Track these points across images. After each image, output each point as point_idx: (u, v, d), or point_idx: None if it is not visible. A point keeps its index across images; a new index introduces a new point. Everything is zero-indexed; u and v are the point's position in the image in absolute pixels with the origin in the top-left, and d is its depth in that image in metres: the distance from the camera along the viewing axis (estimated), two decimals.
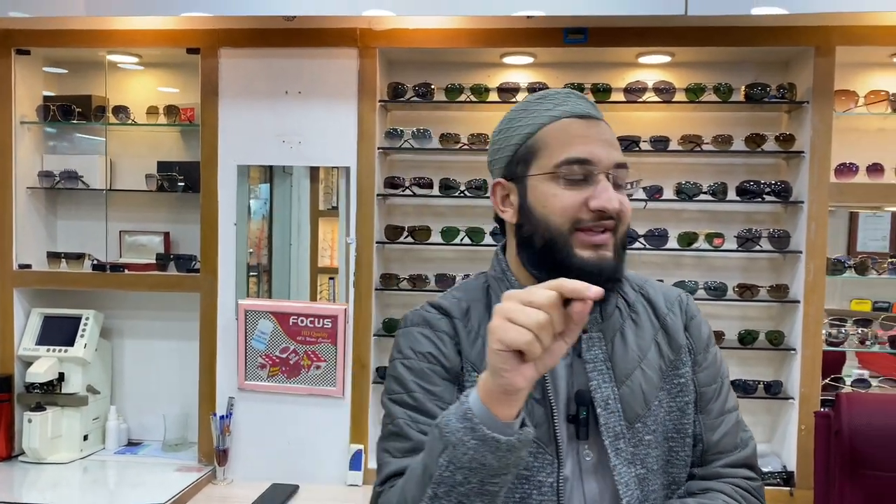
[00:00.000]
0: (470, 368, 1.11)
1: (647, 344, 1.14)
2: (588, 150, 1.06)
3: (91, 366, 2.68)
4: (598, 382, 1.09)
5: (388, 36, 2.48)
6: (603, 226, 1.05)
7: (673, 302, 1.20)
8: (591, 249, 1.05)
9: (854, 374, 2.76)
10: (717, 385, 1.18)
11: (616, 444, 1.07)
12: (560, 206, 1.06)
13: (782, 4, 2.18)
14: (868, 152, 2.51)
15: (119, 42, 2.58)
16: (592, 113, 1.11)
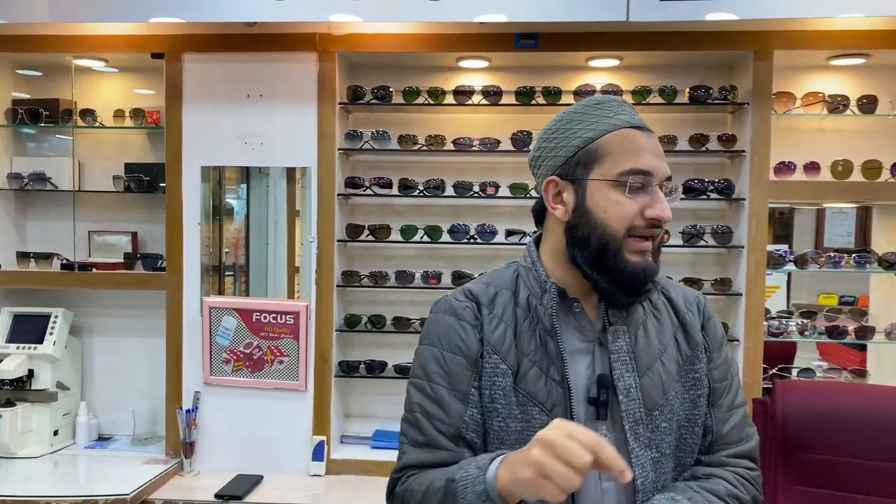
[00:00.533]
0: (490, 352, 1.20)
1: (667, 339, 1.24)
2: (650, 163, 1.15)
3: (60, 363, 2.75)
4: (620, 371, 1.18)
5: (347, 40, 2.57)
6: (653, 233, 1.16)
7: (692, 303, 1.30)
8: (639, 255, 1.15)
9: (813, 365, 2.88)
10: (728, 382, 1.28)
11: (635, 429, 1.17)
12: (621, 213, 1.14)
13: (732, 10, 2.28)
14: (807, 151, 2.63)
15: (85, 47, 2.65)
16: (646, 125, 1.20)
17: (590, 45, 2.52)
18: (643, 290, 1.18)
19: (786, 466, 2.18)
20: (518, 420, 1.18)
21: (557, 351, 1.18)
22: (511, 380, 1.18)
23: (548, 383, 1.17)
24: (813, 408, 2.11)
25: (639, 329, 1.22)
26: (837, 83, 2.68)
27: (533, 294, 1.22)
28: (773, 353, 2.87)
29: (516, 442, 1.17)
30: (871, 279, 2.99)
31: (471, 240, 2.65)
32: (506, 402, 1.18)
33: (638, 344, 1.21)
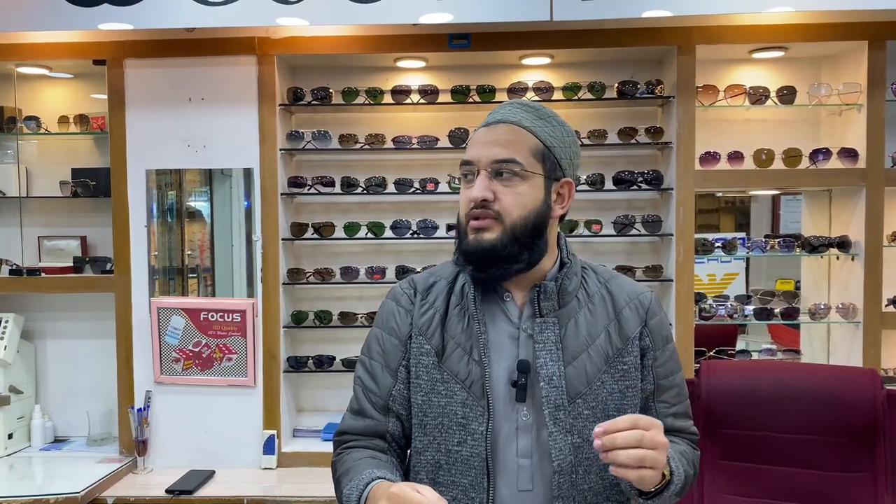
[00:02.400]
0: (417, 333, 1.32)
1: (597, 331, 1.30)
2: (472, 153, 1.26)
3: (13, 367, 2.78)
4: (544, 360, 1.26)
5: (285, 43, 2.63)
6: (478, 214, 1.24)
7: (633, 297, 1.35)
8: (473, 233, 1.26)
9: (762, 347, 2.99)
10: (672, 377, 1.36)
11: (556, 415, 1.24)
12: (462, 201, 1.29)
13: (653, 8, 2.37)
14: (733, 141, 2.74)
15: (27, 55, 2.69)
16: (504, 118, 1.27)
17: (520, 44, 2.60)
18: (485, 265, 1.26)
19: (711, 442, 2.28)
20: (441, 395, 1.29)
21: (478, 333, 1.28)
22: (434, 359, 1.30)
23: (469, 363, 1.28)
24: (734, 386, 2.22)
25: (570, 321, 1.29)
26: (759, 75, 2.79)
27: (467, 283, 1.32)
28: (714, 336, 2.99)
29: (439, 416, 1.29)
30: (801, 263, 3.11)
31: (414, 235, 2.73)
32: (428, 378, 1.30)
33: (567, 335, 1.28)
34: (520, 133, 1.25)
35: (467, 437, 1.26)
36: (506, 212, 1.23)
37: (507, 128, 1.25)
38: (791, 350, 3.03)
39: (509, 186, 1.24)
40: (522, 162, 1.24)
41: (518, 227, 1.24)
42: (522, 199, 1.24)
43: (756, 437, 2.13)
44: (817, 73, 2.82)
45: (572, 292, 1.31)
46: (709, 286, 3.46)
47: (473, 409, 1.26)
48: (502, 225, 1.24)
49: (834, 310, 2.73)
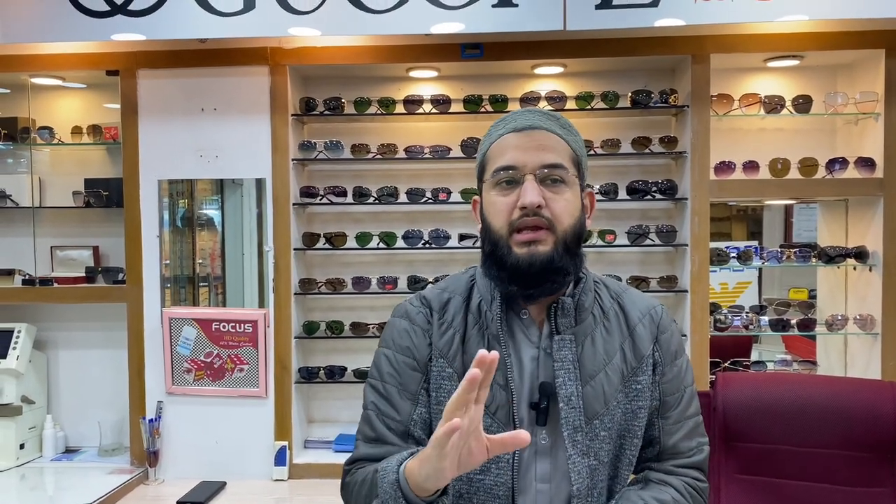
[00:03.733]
0: (437, 356, 1.25)
1: (614, 349, 1.26)
2: (513, 157, 1.18)
3: (25, 377, 2.78)
4: (563, 380, 1.21)
5: (298, 54, 2.63)
6: (532, 223, 1.16)
7: (645, 314, 1.30)
8: (524, 246, 1.16)
9: (777, 358, 2.96)
10: (679, 394, 1.30)
11: (574, 437, 1.20)
12: (496, 211, 1.19)
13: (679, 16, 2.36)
14: (748, 151, 2.72)
15: (41, 66, 2.70)
16: (534, 124, 1.20)
17: (533, 53, 2.59)
18: (539, 281, 1.18)
19: (727, 456, 2.25)
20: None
21: (502, 356, 1.20)
22: (457, 383, 1.19)
23: (493, 387, 1.19)
24: (751, 398, 2.19)
25: (587, 338, 1.25)
26: (774, 84, 2.77)
27: (484, 300, 1.26)
28: (729, 347, 2.95)
29: None
30: (817, 273, 3.08)
31: (425, 245, 2.72)
32: None
33: (584, 353, 1.24)
34: (557, 139, 1.21)
35: (491, 465, 1.21)
36: (557, 219, 1.17)
37: (543, 133, 1.20)
38: (807, 361, 3.00)
39: (558, 193, 1.18)
40: (567, 168, 1.20)
41: (569, 235, 1.19)
42: (570, 207, 1.19)
43: (773, 451, 2.10)
44: (833, 82, 2.79)
45: (588, 308, 1.26)
46: (721, 295, 3.43)
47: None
48: (555, 235, 1.17)
49: (851, 321, 2.69)
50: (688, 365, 1.34)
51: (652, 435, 1.30)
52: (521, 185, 1.17)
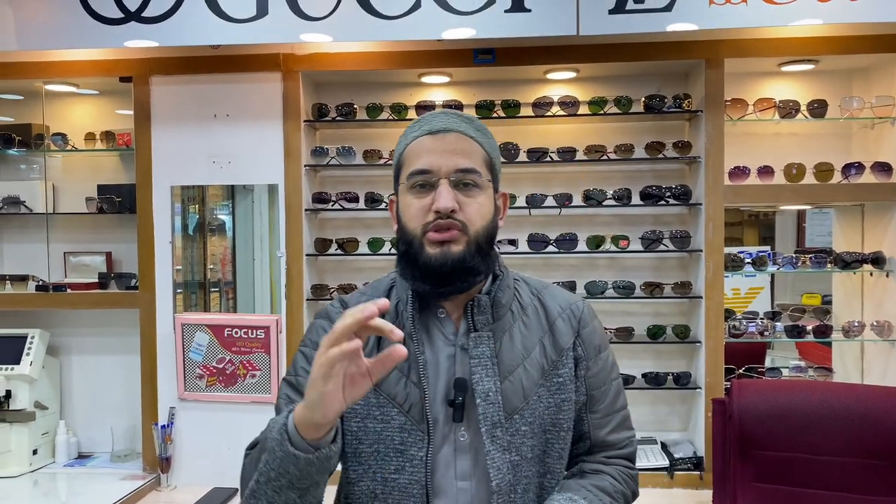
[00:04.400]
0: None
1: (532, 344, 1.27)
2: (428, 161, 1.19)
3: (38, 382, 2.79)
4: (480, 376, 1.21)
5: (310, 60, 2.63)
6: (445, 226, 1.17)
7: (565, 308, 1.32)
8: (436, 246, 1.18)
9: (791, 364, 2.94)
10: (605, 388, 1.32)
11: (493, 432, 1.20)
12: (411, 213, 1.21)
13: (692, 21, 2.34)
14: (762, 156, 2.69)
15: (55, 73, 2.71)
16: (449, 127, 1.22)
17: (546, 58, 2.59)
18: (450, 280, 1.19)
19: (743, 464, 2.23)
20: (377, 420, 1.22)
21: (415, 354, 1.22)
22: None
23: (406, 385, 1.22)
24: (767, 406, 2.17)
25: (504, 334, 1.26)
26: (789, 88, 2.75)
27: (401, 301, 1.27)
28: (742, 353, 2.93)
29: (375, 442, 1.22)
30: (832, 279, 3.05)
31: None
32: (364, 402, 1.22)
33: (502, 349, 1.24)
34: (471, 143, 1.22)
35: (405, 464, 1.21)
36: (470, 222, 1.19)
37: (458, 137, 1.21)
38: (823, 368, 2.96)
39: (471, 197, 1.20)
40: (480, 172, 1.22)
41: (481, 237, 1.21)
42: (483, 210, 1.21)
43: (791, 459, 2.08)
44: (849, 86, 2.77)
45: (506, 305, 1.27)
46: (733, 300, 3.40)
47: (412, 433, 1.21)
48: (467, 236, 1.19)
49: (868, 327, 2.66)
50: (613, 359, 1.37)
51: (582, 430, 1.32)
52: (435, 188, 1.19)
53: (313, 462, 1.04)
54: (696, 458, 2.60)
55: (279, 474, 1.06)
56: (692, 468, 2.59)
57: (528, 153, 2.68)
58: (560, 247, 2.66)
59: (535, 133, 2.77)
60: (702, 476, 2.57)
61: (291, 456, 1.03)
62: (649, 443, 2.73)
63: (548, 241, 2.66)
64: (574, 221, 2.77)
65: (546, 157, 2.68)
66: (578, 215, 2.77)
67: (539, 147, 2.67)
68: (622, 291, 2.65)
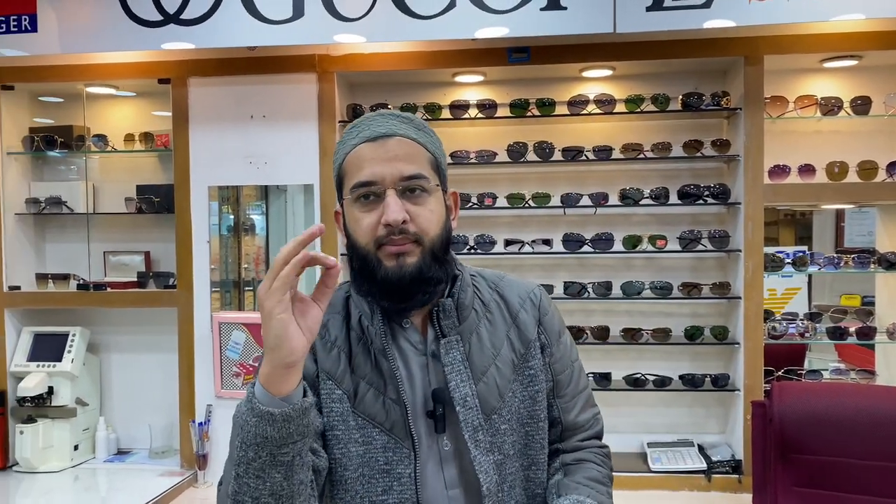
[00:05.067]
0: (325, 377, 1.19)
1: (500, 341, 1.24)
2: (371, 172, 1.13)
3: (79, 379, 2.84)
4: (456, 383, 1.18)
5: (345, 61, 2.65)
6: (398, 241, 1.12)
7: (525, 298, 1.29)
8: (392, 259, 1.12)
9: (830, 367, 2.87)
10: (569, 371, 1.30)
11: (475, 437, 1.17)
12: (361, 228, 1.14)
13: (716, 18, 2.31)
14: (803, 154, 2.64)
15: (96, 75, 2.77)
16: (388, 131, 1.15)
17: (581, 56, 2.57)
18: (410, 294, 1.15)
19: (784, 468, 2.19)
20: (358, 444, 1.18)
21: (391, 370, 1.18)
22: (348, 405, 1.18)
23: (385, 403, 1.18)
24: (809, 409, 2.12)
25: (472, 335, 1.23)
26: (831, 85, 2.69)
27: (364, 315, 1.21)
28: (781, 355, 2.87)
29: (359, 466, 1.18)
30: (875, 279, 2.98)
31: (470, 250, 2.70)
32: (344, 427, 1.18)
33: (472, 351, 1.21)
34: (414, 146, 1.16)
35: (393, 483, 1.17)
36: (424, 231, 1.14)
37: (400, 141, 1.15)
38: (865, 371, 2.90)
39: (421, 204, 1.14)
40: (427, 176, 1.15)
41: (436, 245, 1.15)
42: (435, 216, 1.16)
43: (834, 464, 2.04)
44: (894, 82, 2.70)
45: (469, 305, 1.23)
46: (769, 301, 3.34)
47: (397, 451, 1.17)
48: (422, 246, 1.14)
49: None
50: (571, 341, 1.35)
51: (553, 416, 1.29)
52: (382, 199, 1.13)
53: (291, 417, 0.99)
54: (735, 462, 2.56)
55: (258, 448, 0.99)
56: (730, 471, 2.55)
57: (563, 152, 2.66)
58: (596, 247, 2.64)
59: (570, 132, 2.75)
60: (740, 480, 2.52)
61: (266, 416, 0.98)
62: (686, 445, 2.69)
63: (583, 240, 2.64)
64: (609, 221, 2.74)
65: (581, 155, 2.65)
66: (614, 215, 2.75)
67: (574, 146, 2.65)
68: (659, 292, 2.62)
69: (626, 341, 2.66)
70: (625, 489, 2.52)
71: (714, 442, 2.73)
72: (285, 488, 1.03)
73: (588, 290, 2.66)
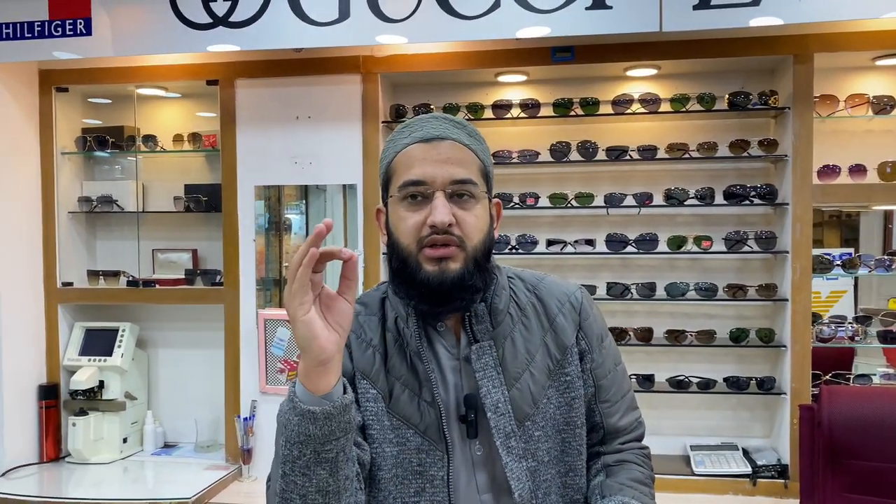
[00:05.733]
0: (360, 377, 1.20)
1: (535, 347, 1.23)
2: (422, 171, 1.12)
3: (128, 374, 2.92)
4: (487, 388, 1.17)
5: (389, 62, 2.67)
6: (441, 241, 1.11)
7: (564, 301, 1.27)
8: (433, 263, 1.12)
9: (879, 371, 2.82)
10: (611, 375, 1.28)
11: (507, 443, 1.17)
12: (405, 228, 1.13)
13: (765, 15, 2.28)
14: (854, 154, 2.59)
15: (146, 77, 2.84)
16: (442, 134, 1.16)
17: (626, 55, 2.55)
18: (448, 299, 1.14)
19: (833, 473, 2.15)
20: (392, 444, 1.18)
21: (426, 372, 1.18)
22: (383, 404, 1.19)
23: (420, 405, 1.18)
24: (860, 413, 2.09)
25: (506, 340, 1.21)
26: (883, 83, 2.63)
27: (400, 317, 1.22)
28: (829, 358, 2.82)
29: (393, 466, 1.18)
30: None
31: (512, 250, 2.71)
32: (379, 426, 1.19)
33: (505, 356, 1.20)
34: (465, 151, 1.16)
35: (426, 485, 1.17)
36: (468, 237, 1.13)
37: (452, 145, 1.15)
38: None
39: (468, 210, 1.13)
40: (476, 182, 1.15)
41: (479, 251, 1.15)
42: (480, 223, 1.15)
43: (884, 470, 2.01)
44: None
45: (503, 310, 1.22)
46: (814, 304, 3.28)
47: (430, 454, 1.17)
48: (465, 252, 1.13)
49: None
50: (613, 344, 1.32)
51: (594, 421, 1.28)
52: (430, 201, 1.12)
53: (332, 414, 1.00)
54: (781, 466, 2.52)
55: (302, 447, 1.01)
56: (776, 476, 2.51)
57: (607, 151, 2.65)
58: (640, 247, 2.62)
59: (614, 131, 2.74)
60: (786, 485, 2.48)
61: (308, 414, 0.99)
62: (730, 448, 2.66)
63: (627, 241, 2.62)
64: (653, 221, 2.72)
65: (625, 155, 2.64)
66: (657, 215, 2.72)
67: (618, 145, 2.64)
68: (704, 293, 2.59)
69: (669, 343, 2.64)
70: (668, 492, 2.50)
71: (759, 446, 2.69)
72: (331, 484, 1.04)
73: (631, 290, 2.64)
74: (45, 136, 2.91)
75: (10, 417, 2.75)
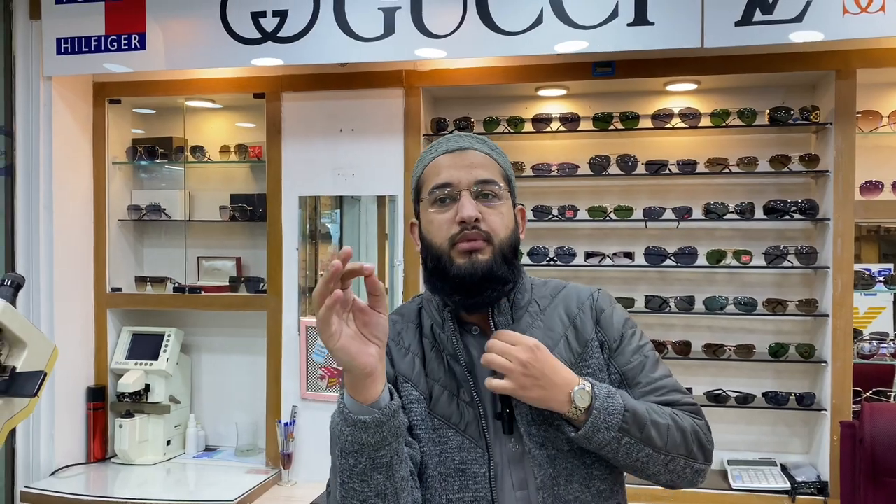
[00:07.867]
0: (402, 380, 1.27)
1: (555, 342, 1.27)
2: (448, 175, 1.23)
3: (173, 378, 3.00)
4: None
5: (430, 76, 2.72)
6: (471, 236, 1.20)
7: (583, 301, 1.33)
8: (464, 256, 1.21)
9: None
10: (638, 360, 1.29)
11: (529, 431, 1.22)
12: (435, 227, 1.24)
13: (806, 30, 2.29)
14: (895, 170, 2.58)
15: (195, 90, 2.93)
16: (465, 146, 1.26)
17: (666, 70, 2.57)
18: (480, 290, 1.21)
19: (875, 491, 2.14)
20: (435, 443, 1.24)
21: (463, 373, 1.25)
22: (425, 405, 1.25)
23: (459, 405, 1.24)
24: None
25: (526, 333, 1.23)
26: None
27: (435, 323, 1.29)
28: (869, 375, 2.79)
29: (437, 465, 1.23)
30: None
31: (550, 262, 2.74)
32: (423, 426, 1.24)
33: None
34: (488, 158, 1.26)
35: (468, 482, 1.21)
36: (494, 231, 1.22)
37: (475, 153, 1.25)
38: None
39: (492, 207, 1.23)
40: (500, 183, 1.25)
41: (505, 246, 1.23)
42: (505, 220, 1.24)
43: None
44: None
45: (524, 307, 1.29)
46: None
47: (472, 451, 1.22)
48: (492, 245, 1.21)
49: None
50: (639, 334, 1.32)
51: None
52: (457, 201, 1.22)
53: (382, 421, 1.06)
54: (820, 483, 2.50)
55: (357, 455, 1.08)
56: (815, 493, 2.49)
57: (646, 165, 2.67)
58: (679, 261, 2.63)
59: (653, 145, 2.76)
60: (826, 502, 2.46)
61: (359, 424, 1.05)
62: (769, 464, 2.65)
63: (666, 254, 2.63)
64: (691, 235, 2.73)
65: (664, 169, 2.66)
66: (696, 229, 2.73)
67: (658, 159, 2.66)
68: (743, 308, 2.59)
69: (707, 357, 2.64)
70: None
71: (797, 462, 2.68)
72: (389, 487, 1.10)
73: (670, 304, 2.65)
74: (98, 147, 3.01)
75: (60, 418, 2.84)
